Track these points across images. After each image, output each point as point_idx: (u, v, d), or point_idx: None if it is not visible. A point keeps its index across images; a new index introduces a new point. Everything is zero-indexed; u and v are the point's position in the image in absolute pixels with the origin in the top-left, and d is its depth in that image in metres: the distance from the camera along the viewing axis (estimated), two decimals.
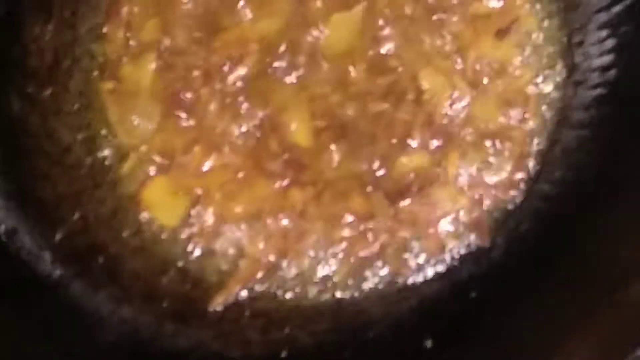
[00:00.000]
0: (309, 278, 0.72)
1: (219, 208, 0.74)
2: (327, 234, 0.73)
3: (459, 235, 0.72)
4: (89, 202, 0.74)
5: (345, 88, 0.75)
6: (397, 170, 0.73)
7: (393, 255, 0.72)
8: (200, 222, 0.74)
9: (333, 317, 0.71)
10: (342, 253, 0.73)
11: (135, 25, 0.77)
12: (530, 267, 0.68)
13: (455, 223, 0.72)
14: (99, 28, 0.77)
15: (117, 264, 0.72)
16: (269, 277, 0.72)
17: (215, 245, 0.73)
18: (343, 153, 0.74)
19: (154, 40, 0.76)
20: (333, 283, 0.72)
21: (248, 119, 0.74)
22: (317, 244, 0.73)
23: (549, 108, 0.74)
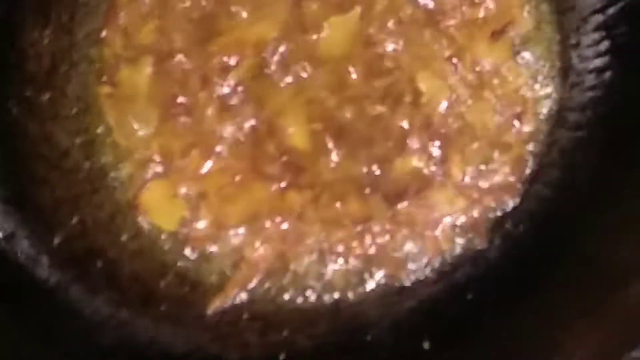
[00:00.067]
0: (307, 281, 0.72)
1: (217, 211, 0.74)
2: (325, 237, 0.73)
3: (457, 237, 0.72)
4: (87, 206, 0.74)
5: (343, 91, 0.75)
6: (394, 173, 0.73)
7: (391, 257, 0.72)
8: (198, 225, 0.74)
9: (331, 319, 0.71)
10: (340, 255, 0.73)
11: (133, 30, 0.77)
12: (528, 268, 0.68)
13: (453, 225, 0.72)
14: (97, 33, 0.77)
15: (115, 268, 0.72)
16: (267, 280, 0.72)
17: (213, 249, 0.73)
18: (341, 156, 0.74)
19: (151, 45, 0.77)
20: (331, 285, 0.72)
21: (245, 123, 0.75)
22: (315, 247, 0.73)
23: (545, 110, 0.75)
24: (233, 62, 0.75)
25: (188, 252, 0.74)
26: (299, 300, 0.72)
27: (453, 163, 0.73)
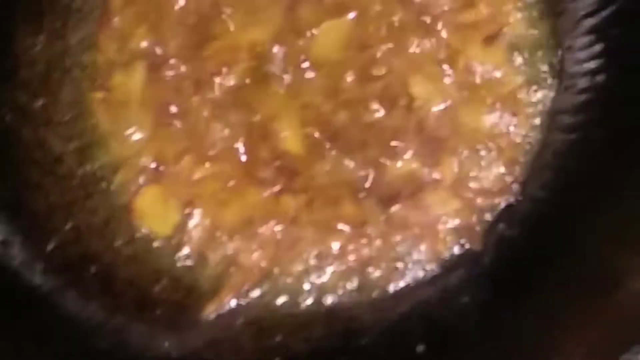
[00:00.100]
0: (302, 285, 0.72)
1: (211, 216, 0.74)
2: (319, 241, 0.73)
3: (451, 240, 0.72)
4: (81, 211, 0.74)
5: (336, 95, 0.75)
6: (388, 176, 0.73)
7: (385, 261, 0.72)
8: (193, 230, 0.74)
9: (326, 323, 0.71)
10: (334, 259, 0.73)
11: (126, 35, 0.77)
12: (522, 270, 0.68)
13: (447, 227, 0.72)
14: (90, 38, 0.78)
15: (109, 273, 0.72)
16: (262, 284, 0.72)
17: (208, 254, 0.73)
18: (334, 160, 0.74)
19: (144, 50, 0.77)
20: (325, 290, 0.72)
21: (239, 127, 0.75)
22: (309, 251, 0.73)
23: (539, 113, 0.74)
24: (227, 66, 0.76)
25: (182, 257, 0.73)
26: (294, 305, 0.72)
27: (446, 166, 0.73)
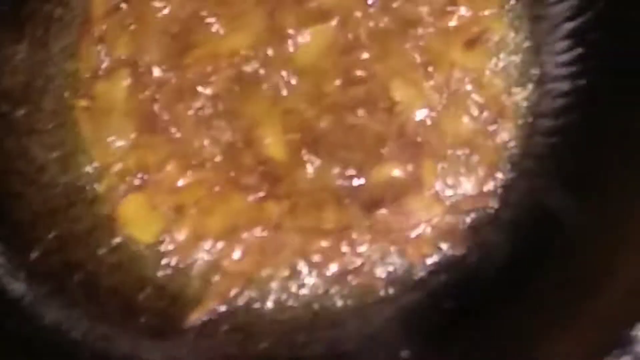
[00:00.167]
0: (286, 291, 0.72)
1: (195, 223, 0.74)
2: (303, 247, 0.73)
3: (434, 244, 0.72)
4: (65, 220, 0.74)
5: (319, 101, 0.75)
6: (371, 181, 0.73)
7: (368, 266, 0.72)
8: (177, 238, 0.74)
9: (311, 330, 0.71)
10: (318, 265, 0.73)
11: (108, 43, 0.77)
12: (505, 274, 0.69)
13: (430, 232, 0.72)
14: (72, 47, 0.77)
15: (93, 282, 0.72)
16: (246, 291, 0.72)
17: (192, 261, 0.73)
18: (317, 165, 0.74)
19: (127, 58, 0.77)
20: (310, 296, 0.72)
21: (222, 134, 0.75)
22: (293, 257, 0.73)
23: (520, 116, 0.75)
24: (209, 74, 0.76)
25: (166, 264, 0.73)
26: (278, 312, 0.72)
27: (428, 170, 0.73)
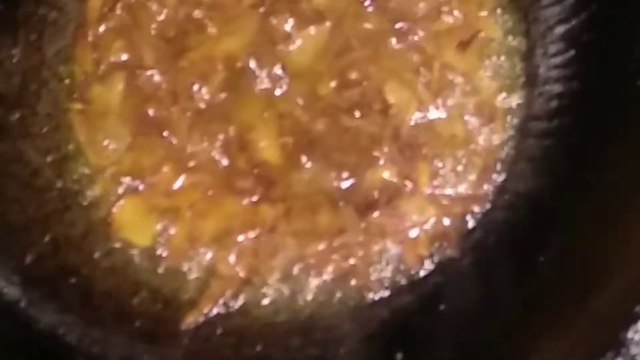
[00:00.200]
0: (281, 295, 0.72)
1: (190, 227, 0.74)
2: (298, 250, 0.73)
3: (429, 246, 0.72)
4: (59, 224, 0.74)
5: (313, 104, 0.75)
6: (365, 184, 0.73)
7: (363, 269, 0.72)
8: (172, 241, 0.74)
9: (305, 333, 0.71)
10: (313, 268, 0.73)
11: (103, 47, 0.77)
12: (499, 276, 0.69)
13: (424, 234, 0.72)
14: (67, 50, 0.78)
15: (88, 286, 0.72)
16: (241, 294, 0.72)
17: (187, 264, 0.73)
18: (312, 168, 0.74)
19: (122, 61, 0.77)
20: (305, 299, 0.72)
21: (216, 137, 0.75)
22: (288, 260, 0.73)
23: (514, 119, 0.75)
24: (204, 77, 0.76)
25: (161, 268, 0.73)
26: (273, 315, 0.72)
27: (422, 173, 0.73)
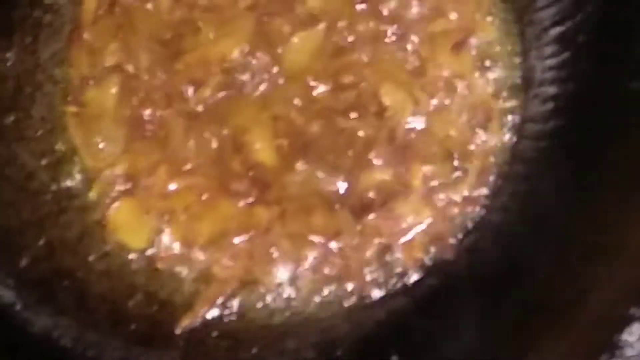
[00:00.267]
0: (276, 297, 0.72)
1: (185, 229, 0.74)
2: (293, 252, 0.73)
3: (424, 249, 0.72)
4: (54, 227, 0.74)
5: (308, 106, 0.75)
6: (360, 186, 0.73)
7: (358, 271, 0.72)
8: (167, 243, 0.74)
9: (301, 335, 0.70)
10: (308, 270, 0.73)
11: (98, 50, 0.77)
12: (495, 278, 0.68)
13: (419, 236, 0.72)
14: (61, 53, 0.78)
15: (83, 289, 0.72)
16: (236, 297, 0.72)
17: (182, 267, 0.73)
18: (307, 170, 0.74)
19: (117, 64, 0.77)
20: (300, 301, 0.72)
21: (212, 140, 0.75)
22: (283, 263, 0.73)
23: (509, 121, 0.75)
24: (199, 79, 0.76)
25: (156, 271, 0.73)
26: (268, 317, 0.72)
27: (418, 175, 0.73)
